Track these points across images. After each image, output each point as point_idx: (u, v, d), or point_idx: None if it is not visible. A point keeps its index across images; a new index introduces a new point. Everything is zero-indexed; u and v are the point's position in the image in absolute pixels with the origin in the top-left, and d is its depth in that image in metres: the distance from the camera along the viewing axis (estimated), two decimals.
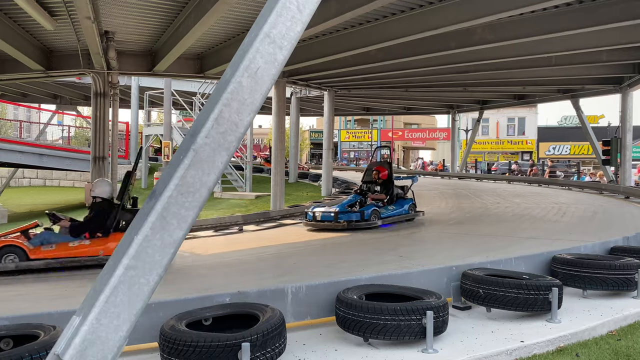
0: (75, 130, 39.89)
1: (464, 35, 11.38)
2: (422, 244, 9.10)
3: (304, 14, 2.41)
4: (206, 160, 2.25)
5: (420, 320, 3.99)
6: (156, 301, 3.90)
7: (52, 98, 26.92)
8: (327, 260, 7.76)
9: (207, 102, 2.49)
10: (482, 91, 22.27)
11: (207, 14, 8.55)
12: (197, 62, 14.22)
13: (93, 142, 13.09)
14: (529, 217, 12.17)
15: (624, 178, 18.13)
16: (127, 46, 12.80)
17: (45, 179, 31.40)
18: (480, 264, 5.51)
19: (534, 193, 18.95)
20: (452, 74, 16.18)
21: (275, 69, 2.36)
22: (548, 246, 7.61)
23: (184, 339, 3.36)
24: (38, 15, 8.67)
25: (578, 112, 21.83)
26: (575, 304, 5.31)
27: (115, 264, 2.15)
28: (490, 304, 4.83)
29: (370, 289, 4.60)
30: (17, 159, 21.85)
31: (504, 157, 45.00)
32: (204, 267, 7.81)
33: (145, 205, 2.24)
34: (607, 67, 16.51)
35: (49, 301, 5.50)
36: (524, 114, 46.89)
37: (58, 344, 2.08)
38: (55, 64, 13.06)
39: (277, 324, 3.61)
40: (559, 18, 10.22)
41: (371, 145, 49.98)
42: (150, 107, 27.57)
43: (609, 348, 4.29)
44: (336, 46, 12.23)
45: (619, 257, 5.99)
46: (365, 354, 3.97)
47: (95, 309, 2.07)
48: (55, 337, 3.15)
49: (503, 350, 4.05)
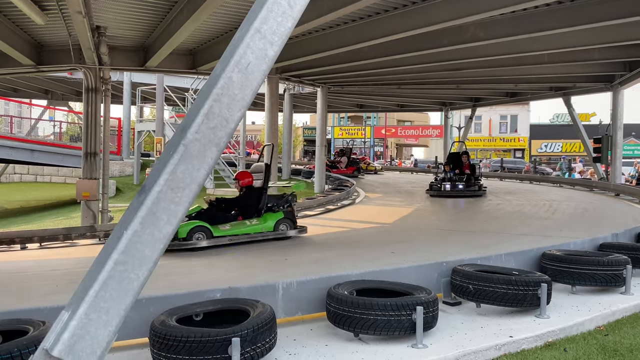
0: (67, 125, 39.63)
1: (456, 33, 11.41)
2: (414, 240, 9.13)
3: (295, 9, 2.41)
4: (196, 156, 2.25)
5: (411, 316, 4.02)
6: (146, 296, 3.90)
7: (43, 93, 26.70)
8: (319, 255, 7.77)
9: (197, 97, 2.49)
10: (475, 88, 22.33)
11: (199, 10, 8.52)
12: (189, 57, 14.16)
13: (84, 138, 13.02)
14: (520, 214, 12.24)
15: (615, 176, 18.27)
16: (119, 41, 12.72)
17: (37, 175, 31.18)
18: (470, 260, 5.55)
19: (525, 190, 19.06)
20: (445, 71, 16.22)
21: (266, 65, 2.37)
22: (538, 243, 7.66)
23: (175, 334, 3.37)
24: (28, 9, 8.59)
25: (570, 110, 21.94)
26: (564, 300, 5.36)
27: (105, 259, 2.15)
28: (479, 299, 4.87)
29: (361, 285, 4.62)
30: (8, 154, 21.70)
31: (496, 155, 45.20)
32: (195, 264, 7.79)
33: (135, 201, 2.24)
34: (599, 65, 16.60)
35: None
36: (516, 111, 47.14)
37: (47, 339, 2.08)
38: (46, 59, 12.95)
39: (268, 319, 3.63)
40: (551, 16, 10.26)
41: (364, 142, 50.07)
42: (142, 103, 27.44)
43: (596, 343, 4.34)
44: (329, 43, 12.22)
45: (608, 254, 6.05)
46: (356, 349, 3.99)
47: (85, 304, 2.07)
48: (44, 332, 3.15)
49: (492, 345, 4.08)
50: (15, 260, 8.21)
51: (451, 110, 29.85)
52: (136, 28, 11.64)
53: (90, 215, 12.64)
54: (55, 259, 8.10)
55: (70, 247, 9.25)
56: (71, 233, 9.73)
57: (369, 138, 50.50)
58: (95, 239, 9.67)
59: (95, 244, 9.42)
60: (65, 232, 9.79)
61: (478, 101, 26.56)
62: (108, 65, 12.80)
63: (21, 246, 9.10)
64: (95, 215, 12.71)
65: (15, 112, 58.03)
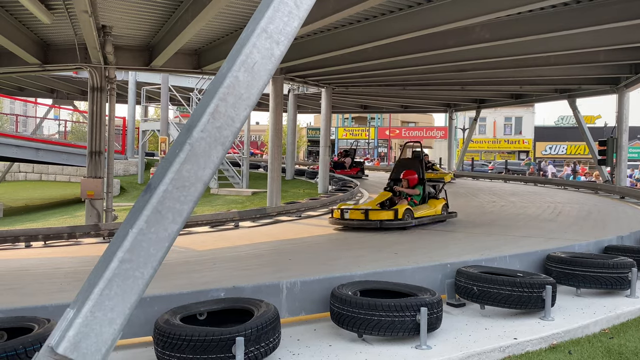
0: (72, 124, 39.77)
1: (462, 34, 11.39)
2: (417, 242, 9.12)
3: (301, 9, 2.42)
4: (202, 155, 2.25)
5: (415, 317, 4.01)
6: (151, 295, 3.91)
7: (49, 92, 26.82)
8: (323, 256, 7.78)
9: (203, 96, 2.49)
10: (480, 90, 22.29)
11: (205, 9, 8.53)
12: (194, 57, 14.19)
13: (89, 137, 13.06)
14: (524, 216, 12.21)
15: (620, 178, 18.20)
16: (124, 41, 12.76)
17: (42, 174, 31.30)
18: (474, 261, 5.53)
19: (530, 192, 19.01)
20: (450, 72, 16.19)
21: (272, 64, 2.37)
22: (543, 244, 7.65)
23: (179, 333, 3.37)
24: (35, 8, 8.62)
25: (575, 112, 21.87)
26: (569, 302, 5.34)
27: (110, 257, 2.15)
28: (484, 301, 4.85)
29: (364, 285, 4.61)
30: (14, 153, 21.78)
31: (500, 157, 45.09)
32: (200, 262, 7.81)
33: (140, 199, 2.24)
34: (605, 68, 16.54)
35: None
36: (521, 113, 47.02)
37: (52, 337, 2.08)
38: (52, 58, 13.00)
39: (272, 319, 3.62)
40: (557, 18, 10.23)
41: (368, 143, 50.06)
42: (147, 102, 27.52)
43: (601, 346, 4.32)
44: (334, 43, 12.22)
45: (613, 256, 6.02)
46: (359, 349, 3.99)
47: (90, 301, 2.08)
48: (49, 330, 3.15)
49: (496, 347, 4.07)
50: (20, 258, 8.25)
51: (456, 112, 29.80)
52: (142, 27, 11.67)
53: (95, 214, 12.68)
54: (60, 257, 8.13)
55: (74, 245, 9.29)
56: (75, 231, 9.77)
57: (373, 139, 50.46)
58: (99, 238, 9.71)
59: (100, 243, 9.46)
60: (70, 230, 9.84)
61: (483, 103, 26.51)
62: (113, 64, 12.85)
63: (26, 244, 9.14)
64: (99, 214, 12.75)
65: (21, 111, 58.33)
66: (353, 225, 10.22)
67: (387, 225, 9.98)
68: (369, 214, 10.10)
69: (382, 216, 10.08)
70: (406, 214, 10.22)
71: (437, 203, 11.23)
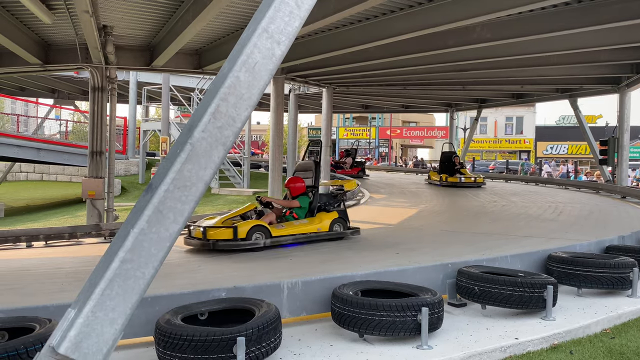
0: (73, 124, 39.81)
1: (463, 34, 11.38)
2: (419, 242, 9.11)
3: (302, 9, 2.42)
4: (203, 155, 2.25)
5: (416, 317, 4.01)
6: (152, 295, 3.91)
7: (50, 92, 26.84)
8: (324, 256, 7.76)
9: (204, 96, 2.49)
10: (481, 90, 22.26)
11: (206, 9, 8.53)
12: (195, 57, 14.19)
13: (90, 137, 13.07)
14: (525, 216, 12.19)
15: (621, 178, 18.18)
16: (125, 41, 12.76)
17: (43, 174, 31.33)
18: (476, 261, 5.53)
19: (531, 192, 18.98)
20: (451, 72, 16.17)
21: (273, 64, 2.37)
22: (544, 244, 7.63)
23: (180, 333, 3.37)
24: (36, 8, 8.63)
25: (576, 112, 21.83)
26: (570, 302, 5.34)
27: (111, 257, 2.15)
28: (485, 301, 4.85)
29: (365, 285, 4.61)
30: (15, 153, 21.81)
31: (501, 156, 45.05)
32: (201, 262, 7.80)
33: (141, 199, 2.25)
34: (606, 67, 16.51)
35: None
36: (522, 113, 46.97)
37: (53, 337, 2.08)
38: (53, 58, 13.01)
39: (273, 319, 3.62)
40: (558, 17, 10.22)
41: (369, 143, 50.04)
42: (148, 102, 27.54)
43: (602, 346, 4.31)
44: (335, 43, 12.22)
45: (614, 256, 6.02)
46: (360, 349, 3.99)
47: (91, 301, 2.08)
48: (50, 330, 3.16)
49: (497, 347, 4.07)
50: (21, 258, 8.25)
51: (457, 112, 29.76)
52: (143, 27, 11.68)
53: (96, 213, 12.69)
54: (61, 257, 8.13)
55: (75, 245, 9.29)
56: (77, 231, 9.77)
57: (374, 139, 50.44)
58: (100, 238, 9.70)
59: (101, 243, 9.46)
60: (71, 230, 9.83)
61: (484, 102, 26.48)
62: (114, 64, 12.85)
63: (27, 244, 9.14)
64: (100, 214, 12.76)
65: (22, 111, 58.35)
66: (196, 246, 8.01)
67: (221, 247, 7.70)
68: (207, 232, 7.84)
69: (218, 235, 7.81)
70: (255, 233, 7.91)
71: (325, 217, 8.83)
